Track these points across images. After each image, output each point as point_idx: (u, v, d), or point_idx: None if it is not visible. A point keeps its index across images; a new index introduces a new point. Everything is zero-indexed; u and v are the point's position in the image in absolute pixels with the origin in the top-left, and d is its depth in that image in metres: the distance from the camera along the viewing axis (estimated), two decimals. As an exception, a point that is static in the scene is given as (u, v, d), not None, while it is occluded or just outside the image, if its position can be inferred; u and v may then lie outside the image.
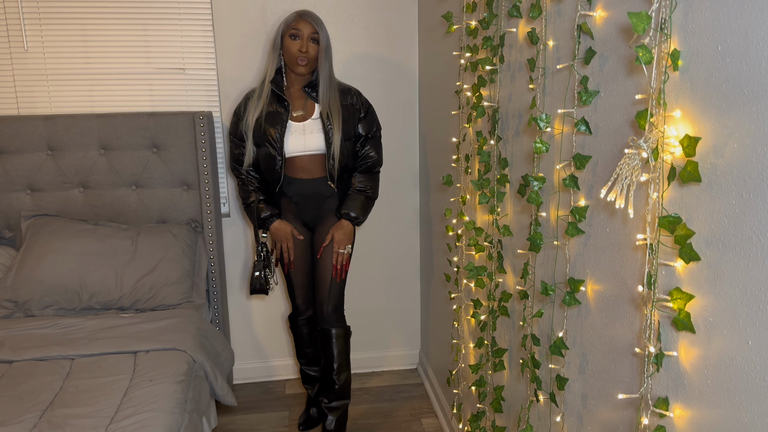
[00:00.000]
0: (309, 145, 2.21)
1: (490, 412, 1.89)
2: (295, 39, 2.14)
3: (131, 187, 2.57)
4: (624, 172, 0.97)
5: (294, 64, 2.16)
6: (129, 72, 2.60)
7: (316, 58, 2.17)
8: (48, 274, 2.31)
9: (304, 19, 2.15)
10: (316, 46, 2.16)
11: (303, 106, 2.23)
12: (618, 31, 1.09)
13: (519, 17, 1.51)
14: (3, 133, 2.45)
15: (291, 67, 2.19)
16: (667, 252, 0.97)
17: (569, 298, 1.27)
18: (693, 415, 0.94)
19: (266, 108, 2.20)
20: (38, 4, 2.49)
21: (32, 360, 1.96)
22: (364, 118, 2.28)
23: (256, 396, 2.87)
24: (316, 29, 2.15)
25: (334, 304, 2.32)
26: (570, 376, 1.36)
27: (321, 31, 2.16)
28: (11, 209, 2.52)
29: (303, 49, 2.14)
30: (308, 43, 2.15)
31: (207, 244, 2.57)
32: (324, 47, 2.17)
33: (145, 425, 1.61)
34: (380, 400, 2.82)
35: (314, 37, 2.15)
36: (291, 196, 2.29)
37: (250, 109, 2.22)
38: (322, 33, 2.16)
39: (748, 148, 0.80)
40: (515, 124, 1.62)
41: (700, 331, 0.92)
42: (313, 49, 2.16)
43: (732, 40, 0.82)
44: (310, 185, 2.27)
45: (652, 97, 0.95)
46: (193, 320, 2.24)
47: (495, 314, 1.77)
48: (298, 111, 2.23)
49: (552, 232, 1.40)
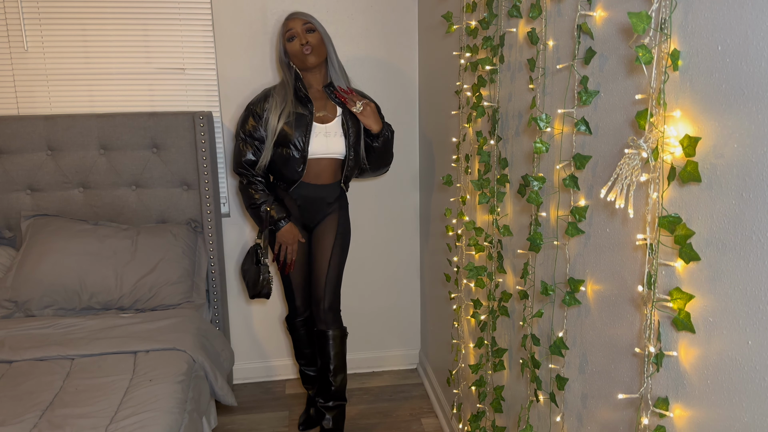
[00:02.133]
0: (332, 147, 2.22)
1: (490, 412, 1.89)
2: (293, 39, 2.16)
3: (131, 187, 2.57)
4: (624, 172, 0.97)
5: (302, 60, 2.16)
6: (129, 72, 2.60)
7: (321, 44, 2.18)
8: (48, 274, 2.31)
9: (292, 18, 2.18)
10: (316, 33, 2.17)
11: (324, 107, 2.24)
12: (618, 31, 1.09)
13: (519, 17, 1.51)
14: (3, 133, 2.45)
15: (302, 66, 2.19)
16: (667, 252, 0.97)
17: (569, 298, 1.27)
18: (693, 415, 0.94)
19: (293, 109, 2.18)
20: (38, 4, 2.49)
21: (32, 360, 1.96)
22: None
23: (256, 396, 2.87)
24: (307, 20, 2.17)
25: (330, 302, 2.32)
26: (570, 376, 1.36)
27: (313, 21, 2.18)
28: (11, 209, 2.52)
29: (303, 41, 2.15)
30: (305, 35, 2.16)
31: (207, 244, 2.57)
32: (323, 33, 2.20)
33: (145, 425, 1.61)
34: (380, 400, 2.82)
35: (308, 27, 2.17)
36: (295, 199, 2.28)
37: (272, 109, 2.18)
38: (315, 22, 2.18)
39: (748, 148, 0.80)
40: (515, 124, 1.62)
41: (700, 331, 0.92)
42: (312, 37, 2.16)
43: (732, 40, 0.82)
44: (318, 190, 2.27)
45: (652, 97, 0.95)
46: (193, 320, 2.23)
47: (495, 314, 1.77)
48: (320, 112, 2.23)
49: (552, 232, 1.40)
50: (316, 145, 2.20)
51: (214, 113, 2.68)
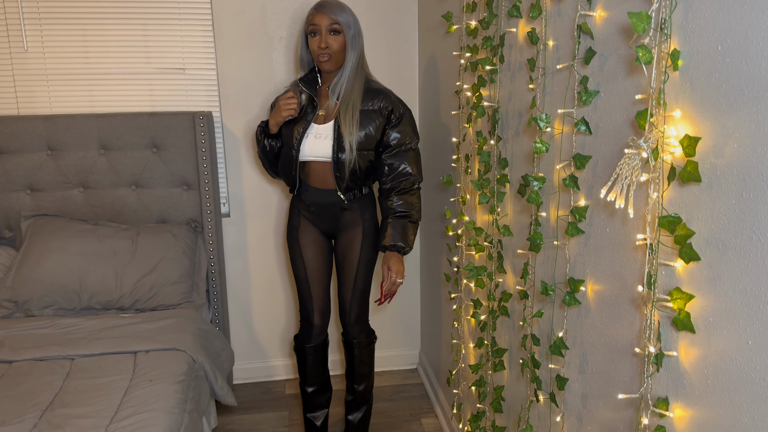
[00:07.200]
0: (319, 150, 2.04)
1: (490, 412, 1.89)
2: (314, 35, 1.97)
3: (131, 187, 2.57)
4: (624, 172, 0.97)
5: (318, 62, 2.00)
6: (129, 72, 2.60)
7: (342, 50, 1.98)
8: (48, 274, 2.31)
9: (319, 11, 1.95)
10: (339, 37, 1.96)
11: (327, 107, 2.06)
12: (618, 31, 1.09)
13: (519, 17, 1.51)
14: (3, 133, 2.45)
15: (316, 64, 2.04)
16: (667, 252, 0.97)
17: (569, 298, 1.27)
18: (693, 415, 0.94)
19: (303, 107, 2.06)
20: (38, 4, 2.49)
21: (32, 360, 1.96)
22: (395, 125, 2.04)
23: (255, 396, 2.87)
24: (335, 19, 1.93)
25: (356, 314, 2.21)
26: (570, 376, 1.36)
27: (342, 19, 1.94)
28: (11, 209, 2.52)
29: (322, 45, 1.95)
30: (327, 36, 1.95)
31: (207, 244, 2.57)
32: (351, 36, 1.96)
33: (145, 425, 1.61)
34: (380, 400, 2.82)
35: (334, 29, 1.94)
36: (308, 205, 2.15)
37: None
38: (343, 20, 1.94)
39: (748, 148, 0.80)
40: (515, 124, 1.62)
41: (700, 331, 0.92)
42: (334, 41, 1.95)
43: (732, 40, 0.82)
44: (324, 195, 2.11)
45: (652, 97, 0.95)
46: (193, 320, 2.23)
47: (495, 314, 1.77)
48: (323, 110, 2.06)
49: (552, 232, 1.40)
50: (307, 146, 2.04)
51: (214, 113, 2.68)
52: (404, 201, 2.07)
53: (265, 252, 2.87)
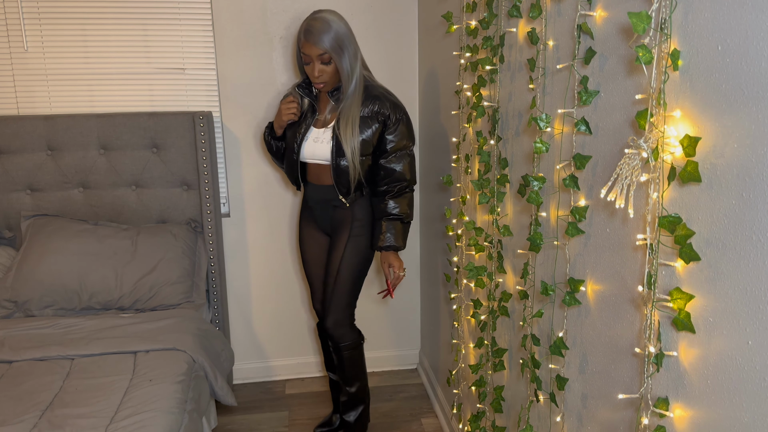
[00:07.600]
0: (318, 154, 2.11)
1: (490, 412, 1.89)
2: (307, 64, 2.02)
3: (131, 187, 2.57)
4: (624, 172, 0.97)
5: (315, 86, 2.07)
6: (129, 72, 2.60)
7: (335, 74, 2.02)
8: (48, 274, 2.31)
9: (308, 40, 1.96)
10: (331, 65, 2.00)
11: (326, 111, 2.13)
12: (618, 31, 1.09)
13: (519, 17, 1.51)
14: (3, 133, 2.45)
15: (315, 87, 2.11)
16: (667, 252, 0.97)
17: (569, 298, 1.27)
18: (693, 415, 0.94)
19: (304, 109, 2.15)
20: (38, 4, 2.49)
21: (32, 360, 1.96)
22: (392, 131, 2.08)
23: (255, 396, 2.87)
24: (323, 49, 1.95)
25: (335, 318, 2.23)
26: (570, 376, 1.36)
27: (329, 45, 1.96)
28: (11, 209, 2.52)
29: (316, 74, 2.00)
30: (319, 66, 1.99)
31: (207, 244, 2.57)
32: (343, 60, 1.99)
33: (145, 425, 1.61)
34: (380, 400, 2.82)
35: (324, 59, 1.98)
36: (307, 200, 2.27)
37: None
38: (331, 47, 1.96)
39: (748, 148, 0.80)
40: (515, 124, 1.62)
41: (700, 331, 0.92)
42: (327, 68, 2.00)
43: (732, 40, 0.82)
44: (321, 191, 2.19)
45: (652, 97, 0.95)
46: (193, 320, 2.24)
47: (495, 314, 1.77)
48: (322, 115, 2.14)
49: (552, 232, 1.40)
50: (307, 149, 2.13)
51: (214, 113, 2.68)
52: (398, 204, 2.16)
53: (265, 252, 2.87)
